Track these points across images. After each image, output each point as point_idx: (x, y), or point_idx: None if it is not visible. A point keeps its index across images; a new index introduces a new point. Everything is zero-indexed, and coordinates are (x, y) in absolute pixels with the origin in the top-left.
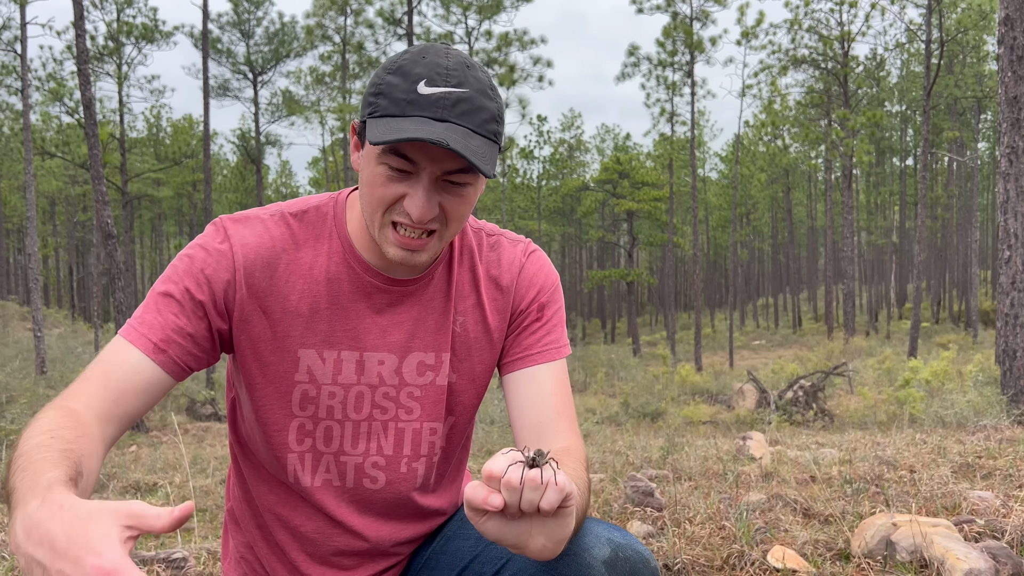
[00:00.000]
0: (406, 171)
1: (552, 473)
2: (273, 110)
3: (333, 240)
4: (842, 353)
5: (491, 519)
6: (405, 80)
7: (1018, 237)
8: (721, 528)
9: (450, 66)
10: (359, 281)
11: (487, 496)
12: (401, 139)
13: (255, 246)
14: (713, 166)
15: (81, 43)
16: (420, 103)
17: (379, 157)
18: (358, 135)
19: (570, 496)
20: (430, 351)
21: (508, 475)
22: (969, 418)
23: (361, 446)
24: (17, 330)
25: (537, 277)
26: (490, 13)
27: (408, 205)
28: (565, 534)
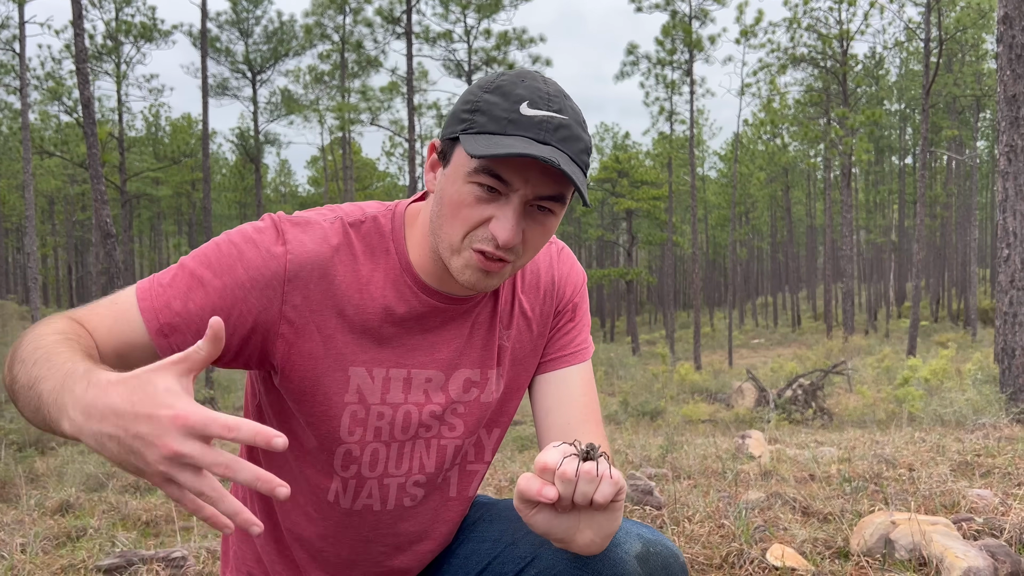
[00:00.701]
0: (497, 192)
1: (607, 467)
2: (272, 109)
3: (390, 256)
4: (841, 351)
5: (541, 512)
6: (506, 100)
7: (1017, 235)
8: (720, 526)
9: (551, 92)
10: (415, 300)
11: (541, 488)
12: (510, 154)
13: (314, 255)
14: (712, 165)
15: (80, 42)
16: (523, 123)
17: (469, 176)
18: (439, 154)
19: (622, 491)
20: (476, 368)
21: (564, 467)
22: (968, 416)
23: (404, 465)
24: (16, 329)
25: (571, 276)
26: (489, 12)
27: (495, 227)
28: (613, 528)
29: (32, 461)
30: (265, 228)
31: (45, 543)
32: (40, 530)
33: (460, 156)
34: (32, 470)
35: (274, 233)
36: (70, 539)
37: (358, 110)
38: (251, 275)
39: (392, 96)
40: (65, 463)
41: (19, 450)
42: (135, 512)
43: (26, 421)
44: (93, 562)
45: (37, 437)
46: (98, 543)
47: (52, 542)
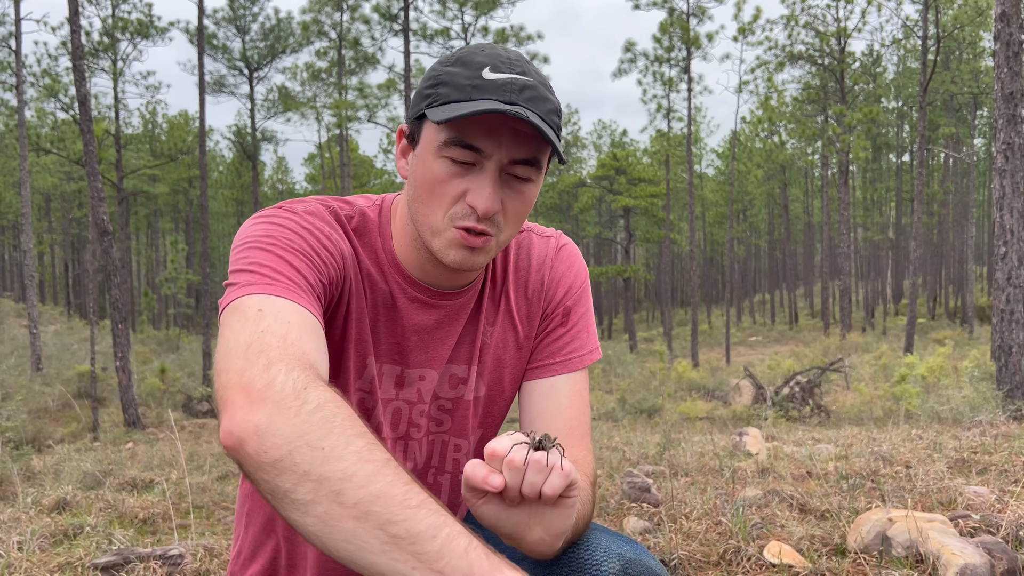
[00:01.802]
0: (469, 163)
1: (558, 457)
2: (269, 106)
3: (379, 252)
4: (838, 349)
5: (489, 503)
6: (467, 68)
7: (1014, 233)
8: (717, 524)
9: (512, 57)
10: (405, 296)
11: (487, 475)
12: (476, 112)
13: (327, 231)
14: (710, 162)
15: (76, 39)
16: (486, 87)
17: (439, 151)
18: (407, 138)
19: (574, 485)
20: (463, 363)
21: (512, 454)
22: (965, 414)
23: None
24: (12, 327)
25: (566, 276)
26: (486, 9)
27: (472, 198)
28: (564, 527)
29: (29, 459)
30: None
31: (42, 541)
32: (37, 528)
33: (428, 132)
34: (29, 468)
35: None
36: (67, 537)
37: (355, 107)
38: (327, 248)
39: (390, 93)
40: (62, 461)
41: (16, 448)
42: (132, 510)
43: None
44: (90, 560)
45: (34, 435)
46: (95, 541)
47: (49, 540)
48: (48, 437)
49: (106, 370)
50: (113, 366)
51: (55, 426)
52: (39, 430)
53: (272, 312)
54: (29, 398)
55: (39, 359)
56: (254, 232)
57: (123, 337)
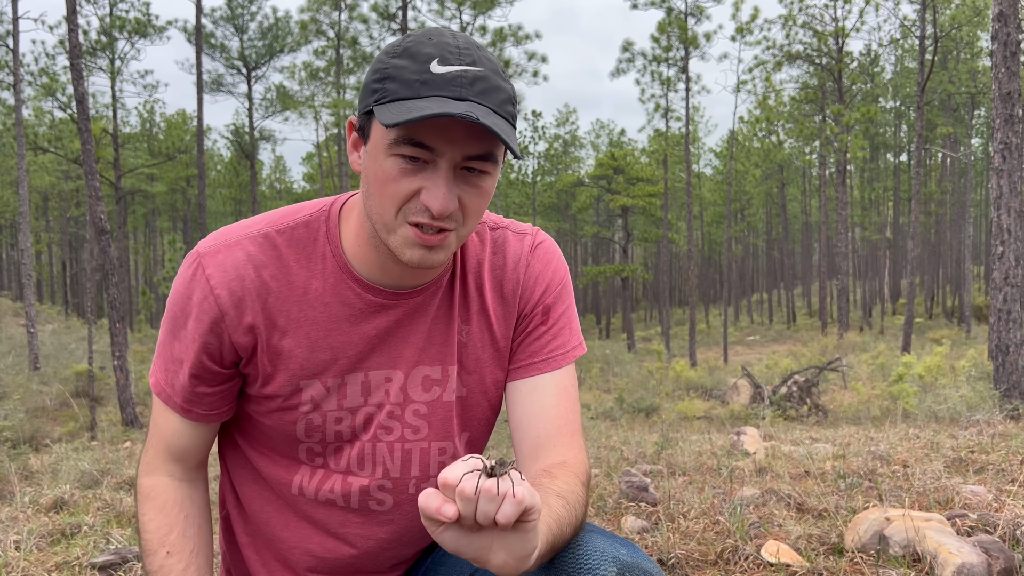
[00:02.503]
0: (422, 160)
1: (510, 484)
2: (267, 105)
3: (327, 259)
4: (836, 348)
5: (448, 530)
6: (414, 61)
7: (1011, 233)
8: (715, 523)
9: (461, 45)
10: (360, 301)
11: (440, 506)
12: (424, 116)
13: (237, 280)
14: (708, 162)
15: (74, 37)
16: (435, 83)
17: (390, 149)
18: (358, 131)
19: (531, 510)
20: (436, 364)
21: (463, 484)
22: (962, 413)
23: (367, 467)
24: (10, 326)
25: (544, 275)
26: (485, 8)
27: (427, 198)
28: (527, 550)
29: (26, 458)
30: (187, 276)
31: (39, 540)
32: (34, 527)
33: (377, 129)
34: (26, 467)
35: (195, 278)
36: (64, 536)
37: (353, 106)
38: (199, 328)
39: None
40: (59, 460)
41: (13, 447)
42: (130, 509)
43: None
44: (88, 559)
45: (31, 434)
46: (93, 540)
47: (46, 539)
48: (46, 436)
49: (104, 369)
50: (111, 365)
51: (53, 425)
52: (36, 429)
53: (154, 423)
54: (26, 397)
55: (37, 358)
56: (167, 315)
57: (121, 336)
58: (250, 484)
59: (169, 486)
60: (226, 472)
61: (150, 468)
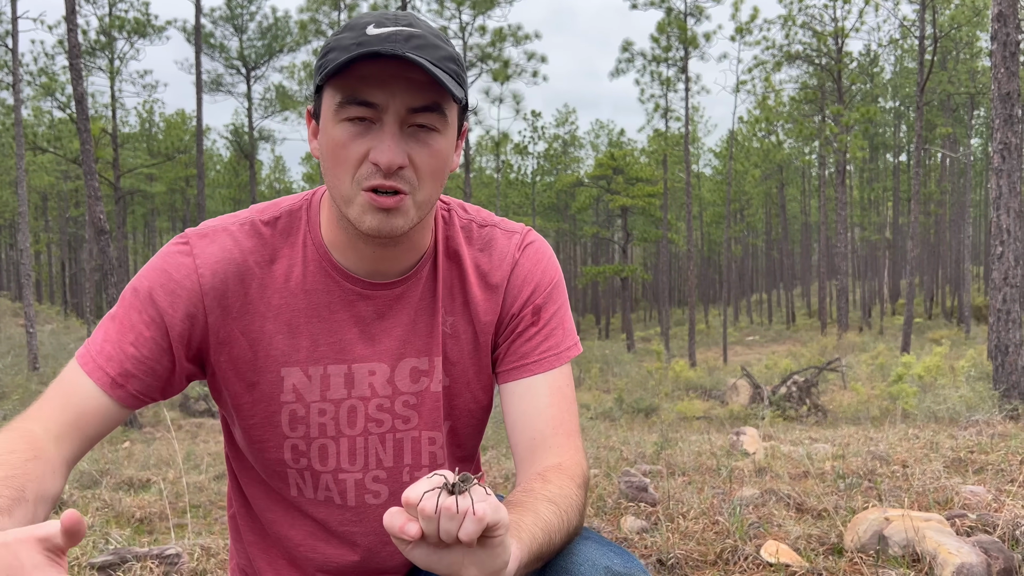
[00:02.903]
0: (368, 120)
1: (470, 502)
2: (266, 105)
3: (308, 247)
4: (835, 348)
5: (417, 547)
6: (353, 30)
7: (1011, 233)
8: (715, 523)
9: (400, 14)
10: (340, 289)
11: (403, 524)
12: (354, 56)
13: (224, 262)
14: (707, 162)
15: (73, 37)
16: (371, 42)
17: (336, 115)
18: (314, 115)
19: (495, 526)
20: (423, 356)
21: (423, 503)
22: (961, 413)
23: (359, 461)
24: (9, 326)
25: (532, 275)
26: (484, 8)
27: (375, 155)
28: (497, 565)
29: None
30: (172, 252)
31: None
32: None
33: (326, 101)
34: None
35: (180, 254)
36: None
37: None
38: (170, 300)
39: None
40: None
41: None
42: (129, 509)
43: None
44: (87, 559)
45: None
46: (92, 540)
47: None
48: None
49: None
50: None
51: None
52: None
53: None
54: (25, 397)
55: (36, 358)
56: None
57: None
58: (256, 485)
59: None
60: (232, 473)
61: (26, 416)
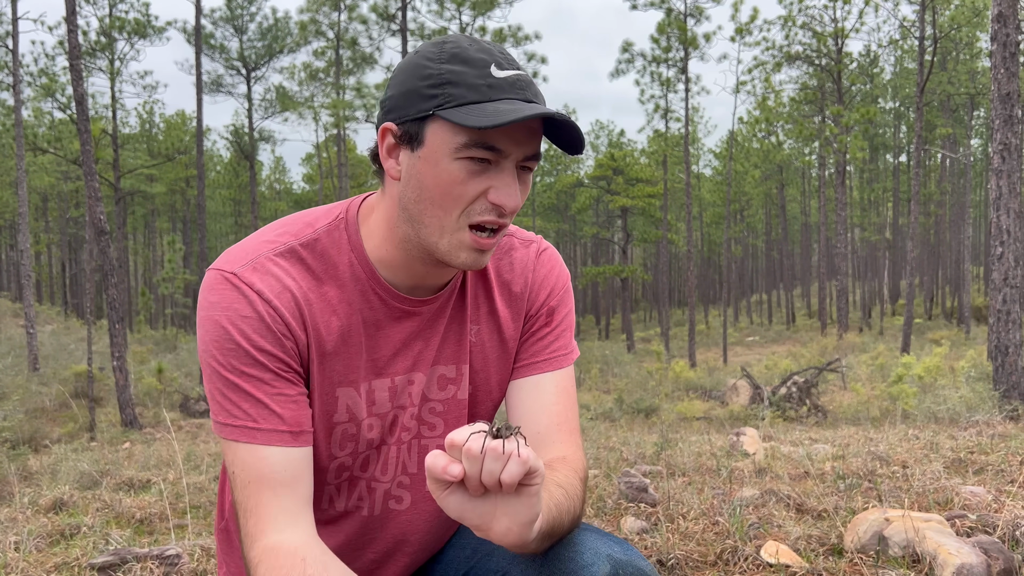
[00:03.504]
0: (487, 162)
1: (516, 445)
2: (267, 106)
3: (355, 267)
4: (835, 349)
5: (453, 493)
6: (471, 66)
7: (1010, 233)
8: (714, 523)
9: (499, 49)
10: (386, 308)
11: (447, 465)
12: (524, 117)
13: (285, 291)
14: (707, 162)
15: (73, 38)
16: (501, 86)
17: (457, 152)
18: (401, 137)
19: (534, 472)
20: (451, 364)
21: (469, 443)
22: (961, 414)
23: (390, 471)
24: (9, 327)
25: (548, 279)
26: (484, 9)
27: (498, 196)
28: (531, 516)
29: (25, 459)
30: (231, 295)
31: (39, 541)
32: (34, 528)
33: (440, 134)
34: (25, 468)
35: (243, 294)
36: (64, 537)
37: (353, 107)
38: (274, 341)
39: None
40: (59, 461)
41: (12, 448)
42: (129, 510)
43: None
44: (87, 560)
45: (31, 435)
46: (92, 541)
47: (46, 540)
48: (45, 437)
49: (103, 370)
50: (110, 366)
51: (52, 426)
52: (36, 430)
53: (254, 482)
54: (26, 398)
55: (36, 359)
56: (216, 353)
57: (120, 337)
58: None
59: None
60: None
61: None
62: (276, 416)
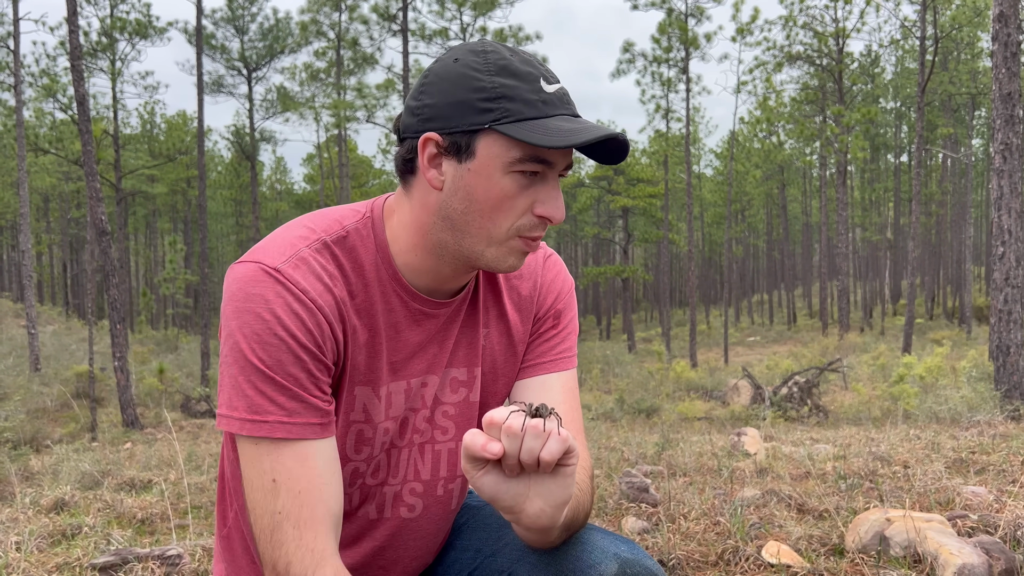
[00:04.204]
0: (534, 175)
1: (556, 424)
2: (267, 106)
3: (379, 268)
4: (836, 349)
5: (488, 473)
6: (522, 80)
7: (1012, 233)
8: (716, 524)
9: (538, 61)
10: (406, 309)
11: (486, 443)
12: (594, 138)
13: (326, 289)
14: (708, 162)
15: (74, 39)
16: (553, 102)
17: (511, 166)
18: (449, 149)
19: (571, 452)
20: (463, 367)
21: (510, 421)
22: (963, 414)
23: (400, 473)
24: (11, 327)
25: (555, 283)
26: (485, 9)
27: (547, 210)
28: (564, 497)
29: (27, 459)
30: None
31: (40, 541)
32: (35, 528)
33: (494, 148)
34: (27, 468)
35: (285, 289)
36: (65, 537)
37: (354, 107)
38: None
39: (388, 93)
40: (60, 461)
41: (14, 448)
42: (130, 510)
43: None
44: (88, 560)
45: (32, 435)
46: (93, 541)
47: (47, 540)
48: (46, 437)
49: (104, 370)
50: (111, 366)
51: (53, 426)
52: (37, 430)
53: (285, 484)
54: (27, 398)
55: (37, 359)
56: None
57: (121, 337)
58: None
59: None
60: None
61: (319, 559)
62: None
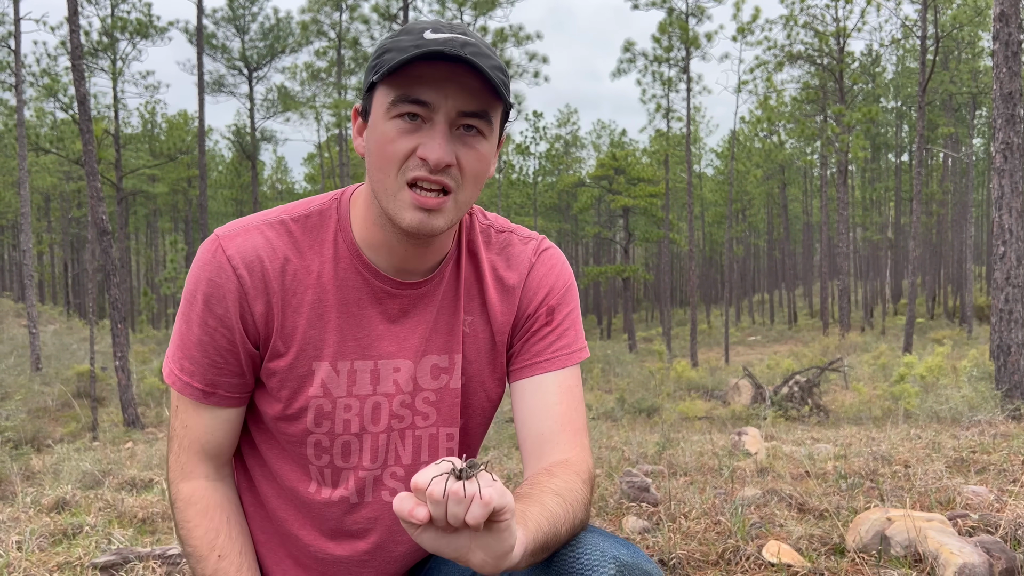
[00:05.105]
0: (420, 119)
1: (477, 487)
2: (268, 106)
3: (339, 244)
4: (837, 348)
5: (426, 531)
6: (410, 34)
7: (1012, 233)
8: (716, 523)
9: (453, 23)
10: (369, 287)
11: (412, 508)
12: (414, 55)
13: (257, 260)
14: (709, 162)
15: (75, 38)
16: (428, 45)
17: (388, 112)
18: (361, 113)
19: (501, 511)
20: (443, 353)
21: (431, 488)
22: (963, 413)
23: (380, 459)
24: (12, 327)
25: (547, 278)
26: (485, 9)
27: (424, 151)
28: (504, 549)
29: (28, 458)
30: (208, 257)
31: (41, 540)
32: (36, 527)
33: (378, 98)
34: (28, 467)
35: (216, 257)
36: (66, 536)
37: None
38: (220, 305)
39: None
40: (61, 461)
41: (15, 447)
42: (131, 509)
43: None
44: (89, 559)
45: (33, 434)
46: (94, 540)
47: (48, 539)
48: (47, 437)
49: (105, 370)
50: (112, 366)
51: (54, 426)
52: (38, 430)
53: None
54: (28, 398)
55: (38, 359)
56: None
57: (122, 337)
58: (270, 482)
59: (208, 488)
60: (242, 469)
61: (185, 472)
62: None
